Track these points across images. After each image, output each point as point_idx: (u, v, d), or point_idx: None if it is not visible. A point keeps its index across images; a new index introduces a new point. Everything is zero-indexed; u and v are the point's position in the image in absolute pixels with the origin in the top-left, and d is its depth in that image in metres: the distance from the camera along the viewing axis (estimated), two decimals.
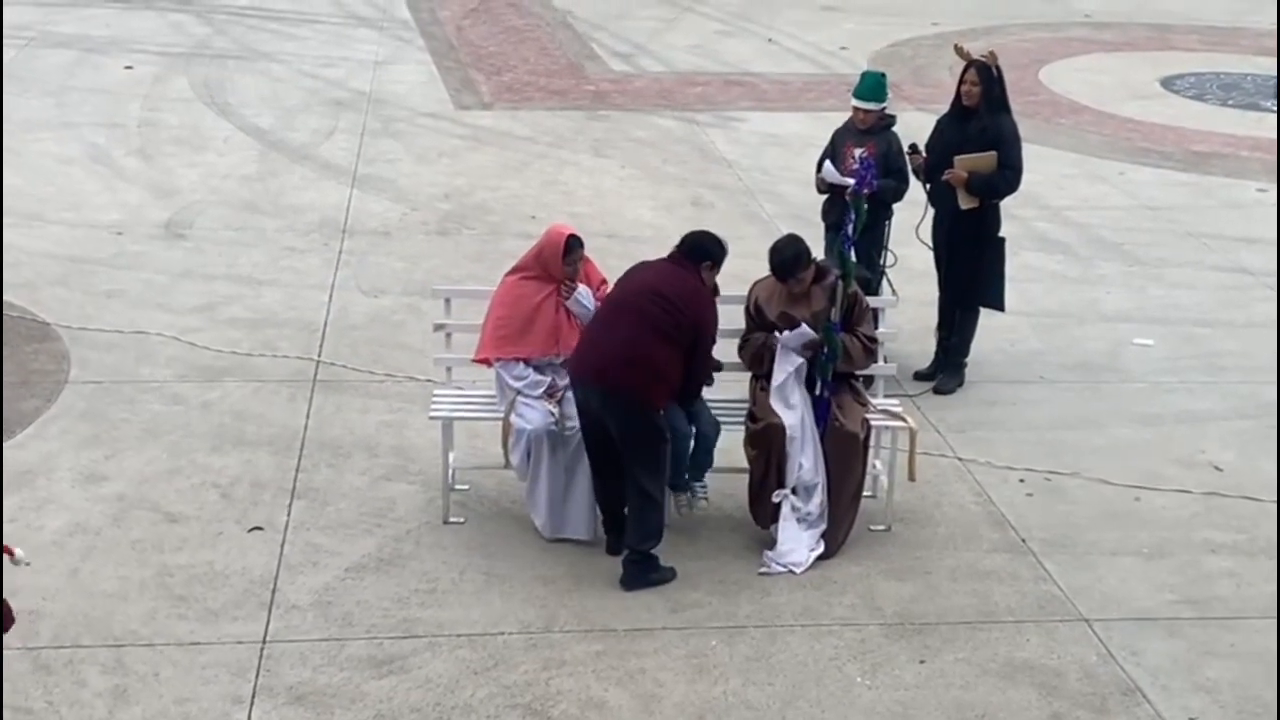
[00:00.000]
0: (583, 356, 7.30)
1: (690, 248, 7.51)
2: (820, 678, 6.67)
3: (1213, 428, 9.17)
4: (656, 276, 7.38)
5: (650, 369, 7.16)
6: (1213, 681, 6.75)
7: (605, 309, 7.41)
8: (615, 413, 7.18)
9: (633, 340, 7.14)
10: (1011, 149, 9.16)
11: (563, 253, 7.58)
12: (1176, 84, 17.73)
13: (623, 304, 7.30)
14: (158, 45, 17.76)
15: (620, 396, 7.15)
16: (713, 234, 7.64)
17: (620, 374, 7.12)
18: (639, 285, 7.34)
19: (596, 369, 7.19)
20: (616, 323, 7.24)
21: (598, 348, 7.24)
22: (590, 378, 7.22)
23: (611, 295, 7.47)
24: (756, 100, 16.36)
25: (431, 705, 6.39)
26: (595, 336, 7.32)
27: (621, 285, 7.44)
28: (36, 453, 8.31)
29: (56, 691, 6.38)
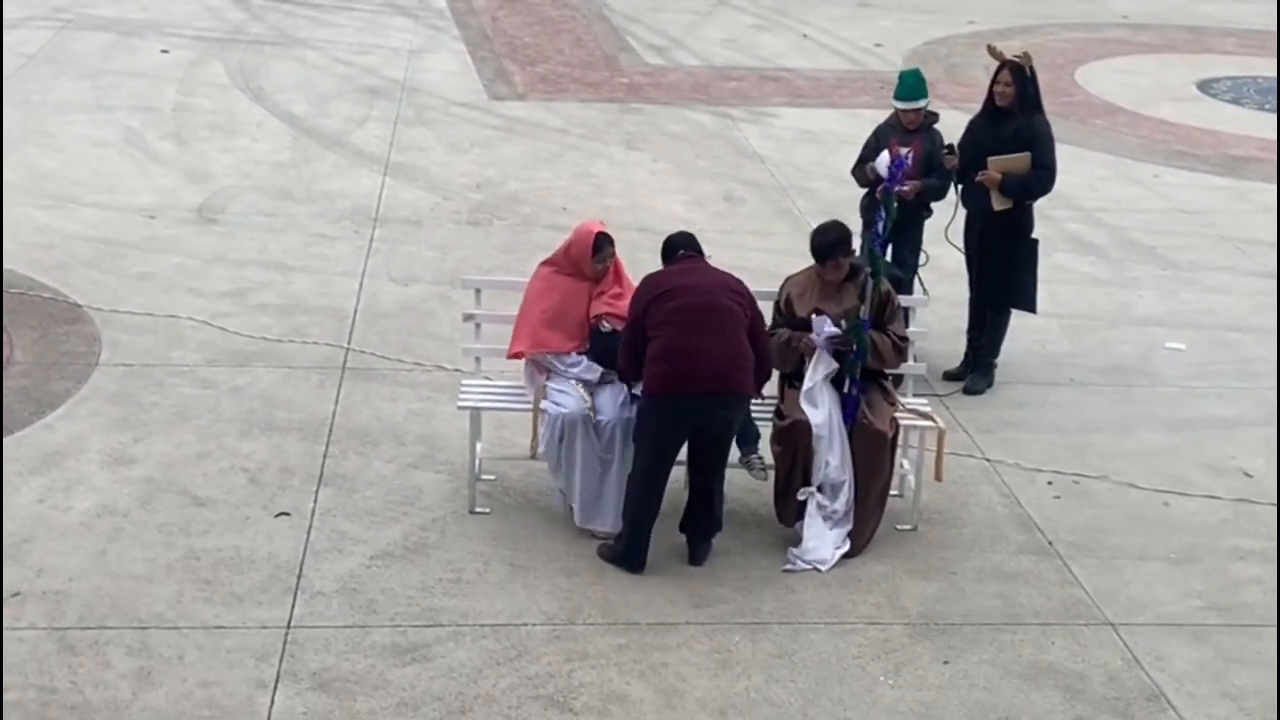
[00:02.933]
0: (691, 369, 7.02)
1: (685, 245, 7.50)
2: (843, 676, 6.65)
3: (1243, 434, 9.11)
4: (717, 275, 7.36)
5: (750, 363, 7.21)
6: (1238, 689, 6.71)
7: (686, 315, 7.08)
8: (732, 415, 7.24)
9: (734, 340, 7.13)
10: (1046, 150, 9.11)
11: (591, 251, 7.58)
12: (1213, 87, 17.62)
13: (711, 307, 7.13)
14: (194, 30, 17.81)
15: (739, 398, 7.22)
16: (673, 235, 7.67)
17: (738, 377, 7.14)
18: (713, 285, 7.23)
19: (714, 377, 7.05)
20: (709, 327, 7.08)
21: (704, 356, 7.03)
22: (709, 388, 7.06)
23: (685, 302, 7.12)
24: (790, 96, 16.32)
25: (454, 694, 6.40)
26: (692, 346, 7.04)
27: (686, 289, 7.16)
28: (66, 434, 8.35)
29: (81, 672, 6.41)
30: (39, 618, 6.75)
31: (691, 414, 7.15)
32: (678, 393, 7.09)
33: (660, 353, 7.10)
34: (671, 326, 7.09)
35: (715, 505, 7.44)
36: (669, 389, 7.10)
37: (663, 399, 7.13)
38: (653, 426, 7.20)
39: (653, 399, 7.17)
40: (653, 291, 7.21)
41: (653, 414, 7.19)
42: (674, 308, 7.12)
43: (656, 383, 7.13)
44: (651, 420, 7.21)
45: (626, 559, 7.32)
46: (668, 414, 7.16)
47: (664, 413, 7.16)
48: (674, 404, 7.13)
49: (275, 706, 6.28)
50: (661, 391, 7.12)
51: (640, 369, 7.23)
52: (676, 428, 7.20)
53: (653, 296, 7.18)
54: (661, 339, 7.09)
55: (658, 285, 7.26)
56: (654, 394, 7.15)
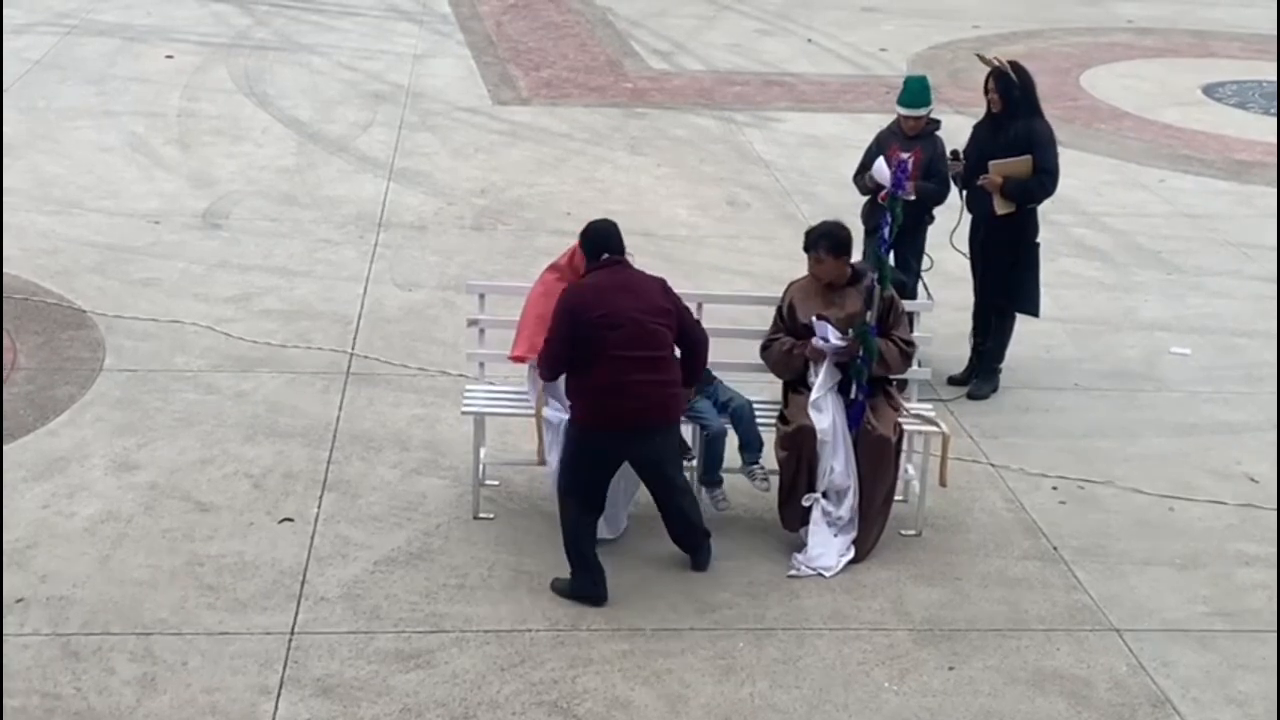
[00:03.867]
0: (626, 405, 6.88)
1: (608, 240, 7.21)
2: (848, 682, 6.64)
3: (1249, 439, 9.09)
4: (648, 291, 7.08)
5: (680, 388, 7.15)
6: (1244, 695, 6.70)
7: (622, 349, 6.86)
8: (665, 443, 7.17)
9: (666, 371, 7.03)
10: (1046, 153, 9.11)
11: None
12: (1218, 91, 17.60)
13: (647, 339, 6.93)
14: (199, 35, 17.83)
15: (671, 427, 7.17)
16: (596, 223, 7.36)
17: (671, 407, 7.08)
18: (647, 308, 6.97)
19: (647, 412, 6.96)
20: (645, 363, 6.91)
21: (640, 393, 6.90)
22: (642, 423, 6.98)
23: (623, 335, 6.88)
24: (795, 100, 16.31)
25: (458, 700, 6.39)
26: (627, 383, 6.87)
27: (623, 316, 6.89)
28: (70, 440, 8.35)
29: (85, 678, 6.40)
30: (43, 624, 6.75)
31: (623, 446, 7.06)
32: (609, 429, 6.98)
33: (594, 387, 6.93)
34: (608, 362, 6.87)
35: (693, 517, 7.35)
36: (601, 424, 6.97)
37: (593, 432, 7.00)
38: (583, 458, 7.06)
39: (584, 431, 7.01)
40: (587, 311, 6.93)
41: (584, 446, 7.04)
42: (611, 340, 6.87)
43: (588, 415, 6.97)
44: (582, 452, 7.06)
45: (585, 592, 7.11)
46: (600, 447, 7.03)
47: (595, 445, 7.03)
48: (605, 438, 7.02)
49: (279, 713, 6.27)
50: (592, 425, 6.98)
51: (560, 374, 7.13)
52: (608, 459, 7.10)
53: (588, 319, 6.91)
54: (597, 372, 6.90)
55: (593, 305, 6.94)
56: (585, 426, 7.00)
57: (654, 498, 7.36)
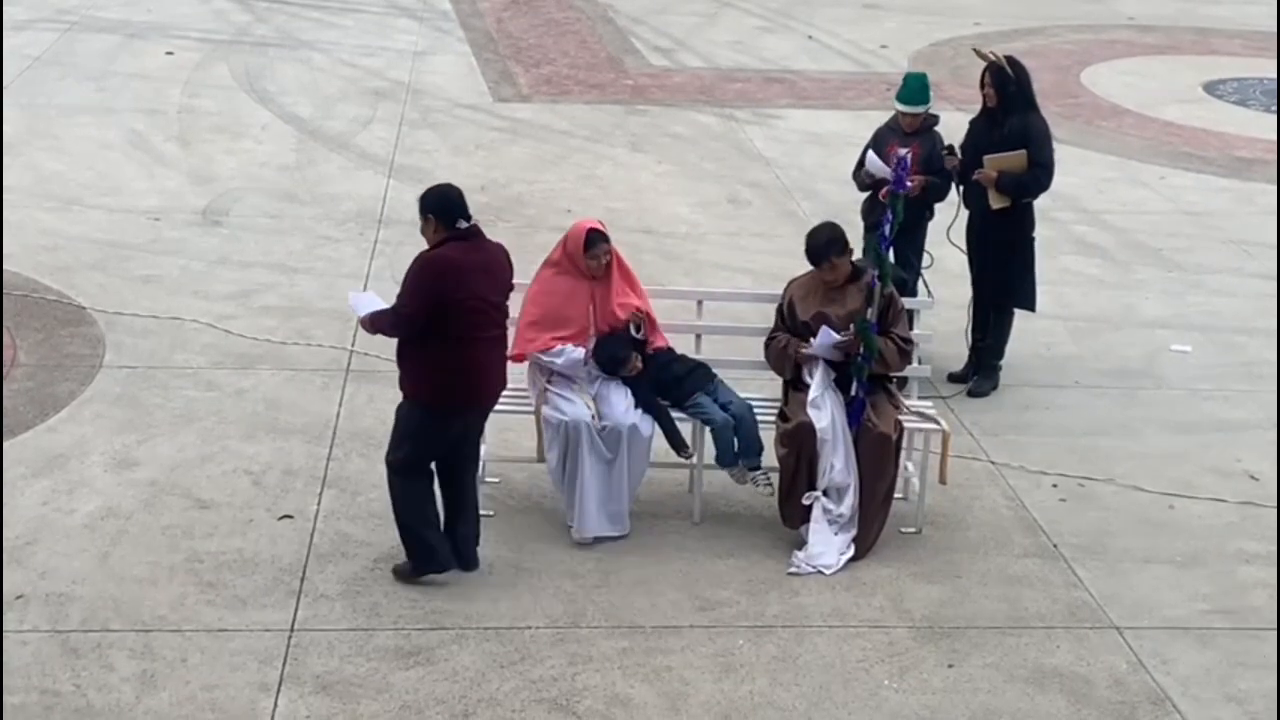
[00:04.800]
0: (477, 385, 6.95)
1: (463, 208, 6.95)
2: (847, 680, 6.64)
3: (1249, 437, 9.09)
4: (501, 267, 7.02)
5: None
6: (1244, 693, 6.69)
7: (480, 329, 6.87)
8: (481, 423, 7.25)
9: (504, 348, 7.14)
10: (1041, 147, 9.10)
11: (583, 246, 7.57)
12: (1219, 89, 17.59)
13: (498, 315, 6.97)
14: (199, 31, 17.82)
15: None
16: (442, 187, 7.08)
17: (504, 385, 7.19)
18: (501, 286, 7.01)
19: (492, 392, 7.08)
20: (496, 340, 6.99)
21: (490, 372, 7.00)
22: (486, 402, 7.10)
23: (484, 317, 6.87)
24: (796, 98, 16.31)
25: (457, 697, 6.39)
26: (481, 363, 6.92)
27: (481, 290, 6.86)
28: (70, 436, 8.35)
29: (84, 675, 6.40)
30: (42, 620, 6.75)
31: (465, 423, 7.08)
32: (461, 407, 6.98)
33: (451, 365, 6.85)
34: (467, 344, 6.84)
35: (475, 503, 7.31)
36: (454, 403, 6.95)
37: (445, 411, 6.96)
38: (429, 436, 7.00)
39: (433, 410, 6.94)
40: (452, 293, 6.78)
41: (430, 424, 6.96)
42: (470, 323, 6.82)
43: (441, 396, 6.91)
44: (427, 429, 6.97)
45: (426, 561, 7.09)
46: (446, 425, 6.99)
47: (442, 423, 6.98)
48: (455, 417, 7.00)
49: (279, 710, 6.27)
50: (445, 403, 6.94)
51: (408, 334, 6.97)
52: (451, 437, 7.06)
53: (452, 299, 6.78)
54: (454, 353, 6.83)
55: (456, 287, 6.79)
56: (435, 406, 6.93)
57: (450, 476, 7.21)
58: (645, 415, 7.60)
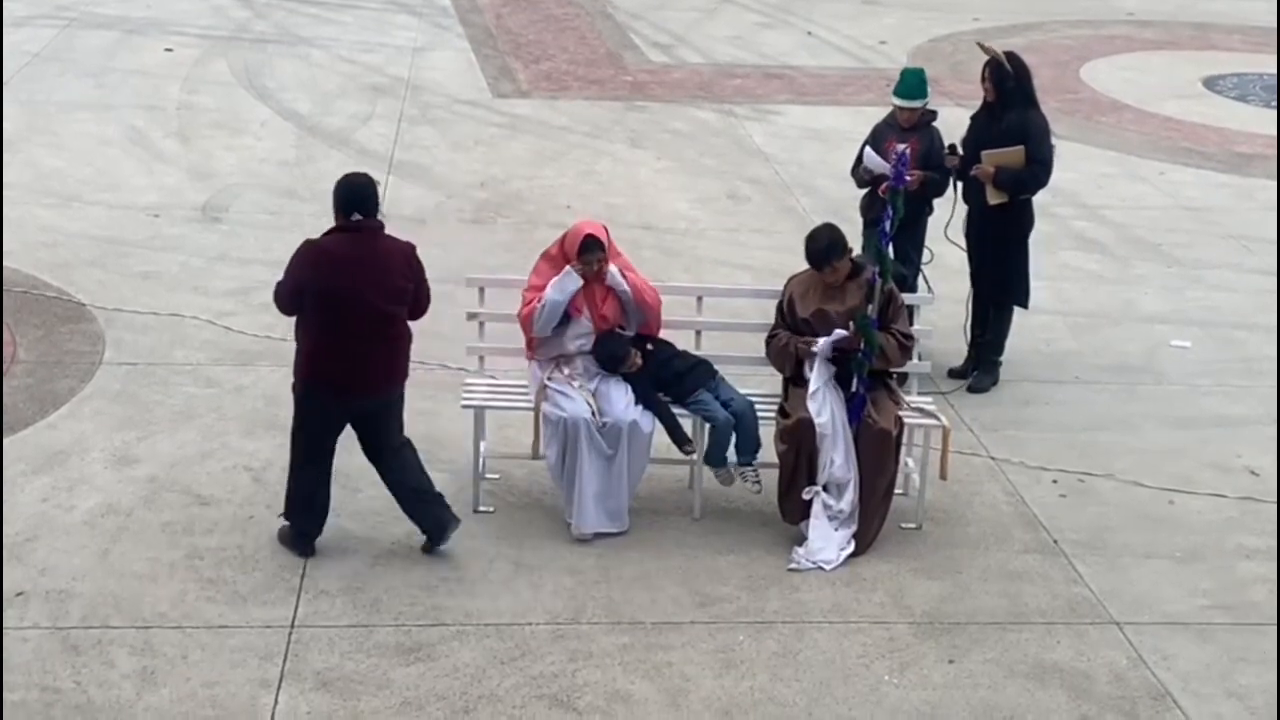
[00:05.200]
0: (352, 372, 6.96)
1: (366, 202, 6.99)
2: (848, 675, 6.64)
3: (1249, 432, 9.09)
4: (389, 271, 6.99)
5: (404, 357, 7.21)
6: (1244, 688, 6.69)
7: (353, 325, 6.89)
8: (391, 405, 7.24)
9: (397, 345, 7.12)
10: (1039, 144, 9.10)
11: (578, 250, 7.55)
12: (1219, 84, 17.59)
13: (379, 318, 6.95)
14: (198, 28, 17.81)
15: (397, 393, 7.25)
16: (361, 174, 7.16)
17: (397, 379, 7.19)
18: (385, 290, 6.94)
19: (375, 383, 7.08)
20: (375, 336, 6.97)
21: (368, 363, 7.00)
22: (369, 391, 7.09)
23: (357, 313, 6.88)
24: (795, 93, 16.30)
25: (458, 694, 6.39)
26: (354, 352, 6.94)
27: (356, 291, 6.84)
28: (70, 433, 8.34)
29: (85, 672, 6.40)
30: (42, 617, 6.75)
31: (349, 408, 7.14)
32: (338, 388, 7.04)
33: (320, 350, 6.98)
34: (330, 330, 6.93)
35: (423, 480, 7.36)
36: (320, 382, 7.05)
37: (322, 390, 7.06)
38: (305, 413, 7.15)
39: (311, 386, 7.07)
40: (320, 281, 6.88)
41: (312, 402, 7.10)
42: (344, 312, 6.87)
43: (316, 374, 7.04)
44: (304, 406, 7.13)
45: (293, 539, 7.32)
46: (327, 405, 7.10)
47: (323, 403, 7.09)
48: (332, 398, 7.08)
49: (279, 706, 6.27)
50: (313, 384, 7.07)
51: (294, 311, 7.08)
52: (335, 418, 7.17)
53: (318, 288, 6.88)
54: (325, 336, 6.95)
55: (327, 276, 6.88)
56: (312, 382, 7.06)
57: (383, 473, 7.33)
58: (645, 412, 7.60)
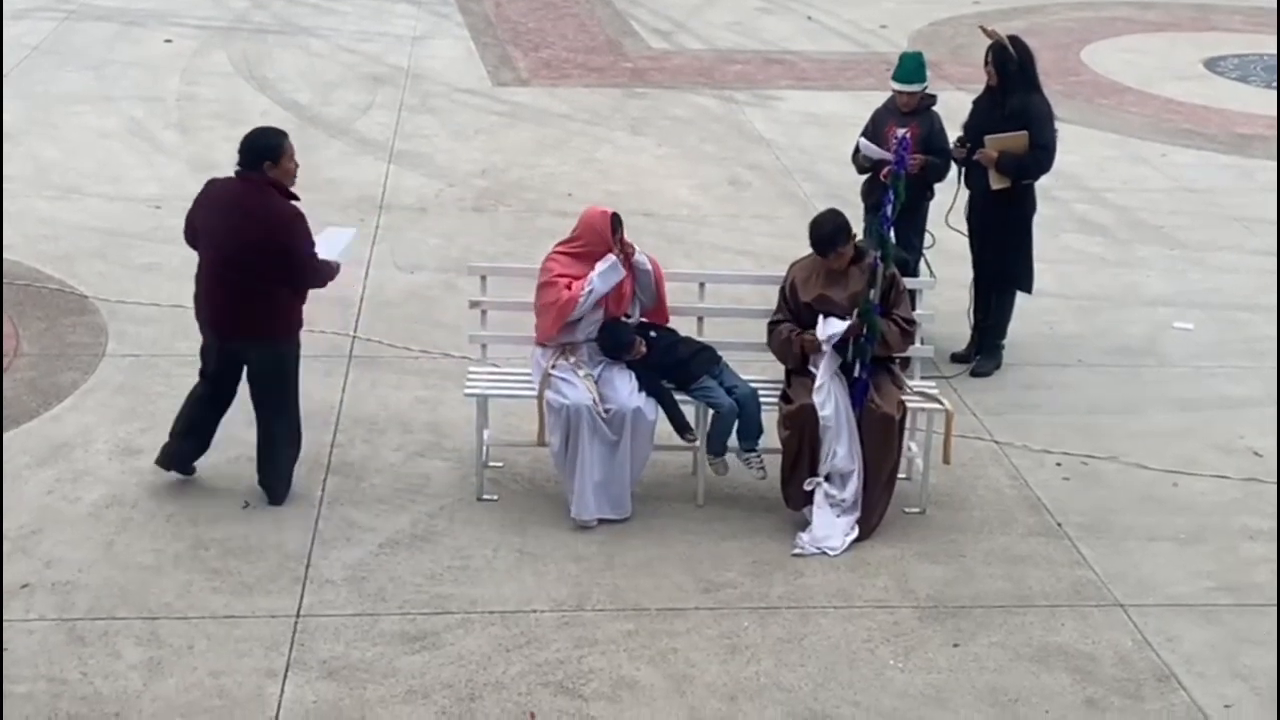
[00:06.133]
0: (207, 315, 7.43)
1: (247, 154, 7.34)
2: (853, 660, 6.65)
3: (1252, 413, 9.09)
4: (246, 227, 7.19)
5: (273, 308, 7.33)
6: (1249, 669, 6.70)
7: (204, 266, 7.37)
8: (262, 356, 7.44)
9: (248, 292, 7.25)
10: (1042, 128, 9.07)
11: (610, 228, 7.58)
12: (1220, 65, 17.55)
13: (225, 263, 7.25)
14: (197, 19, 17.79)
15: (262, 341, 7.41)
16: (265, 129, 7.56)
17: (250, 325, 7.33)
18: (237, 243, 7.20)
19: (227, 325, 7.37)
20: (223, 279, 7.27)
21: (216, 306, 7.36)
22: (227, 333, 7.41)
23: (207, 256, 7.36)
24: (795, 79, 16.28)
25: (464, 681, 6.40)
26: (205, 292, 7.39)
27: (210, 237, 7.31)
28: (74, 425, 8.35)
29: (91, 663, 6.42)
30: (48, 609, 6.76)
31: (224, 351, 7.44)
32: (198, 319, 7.50)
33: (196, 279, 7.47)
34: (199, 266, 7.42)
35: (272, 450, 7.56)
36: (195, 310, 7.53)
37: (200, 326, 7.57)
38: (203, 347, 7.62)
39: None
40: (192, 214, 7.50)
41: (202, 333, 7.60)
42: (200, 249, 7.41)
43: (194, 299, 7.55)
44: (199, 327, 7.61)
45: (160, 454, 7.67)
46: (206, 342, 7.55)
47: (203, 339, 7.57)
48: (206, 337, 7.52)
49: (285, 695, 6.28)
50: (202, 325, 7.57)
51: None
52: (208, 347, 7.54)
53: (190, 220, 7.52)
54: (198, 269, 7.44)
55: (197, 210, 7.46)
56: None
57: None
58: (649, 399, 7.61)
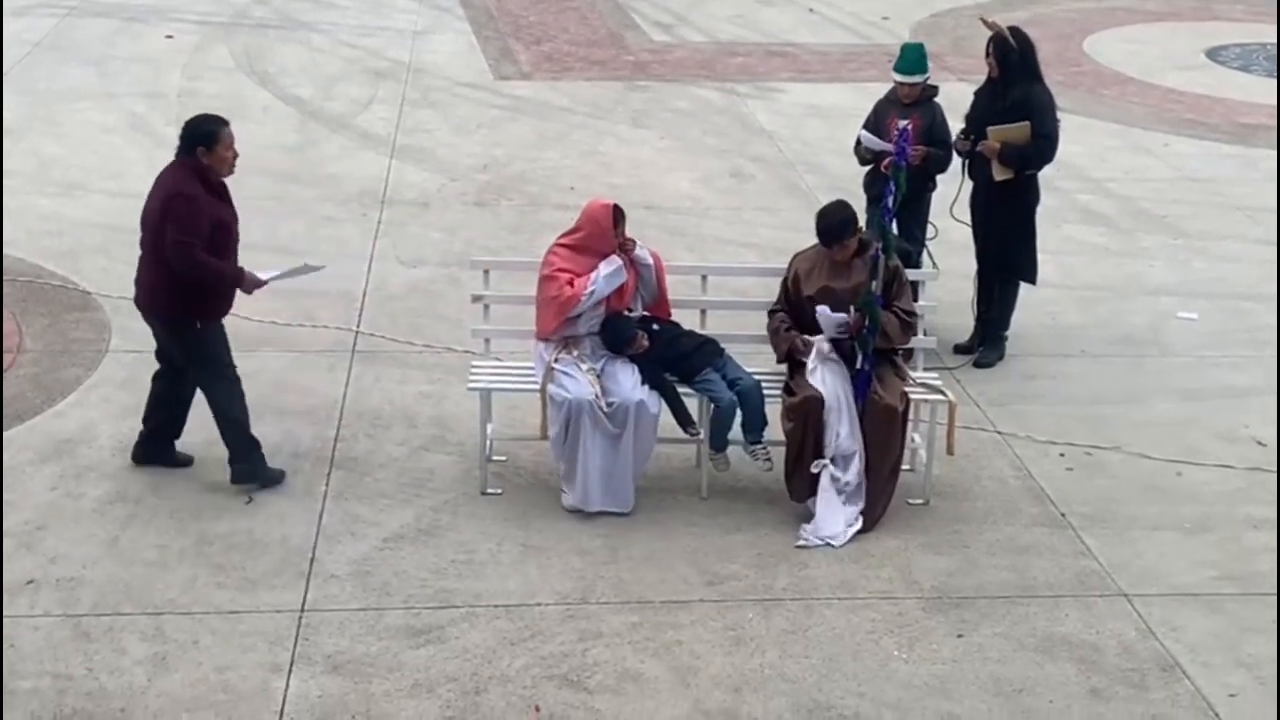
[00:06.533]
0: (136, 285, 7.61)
1: (183, 139, 7.46)
2: (857, 651, 6.65)
3: (1256, 402, 9.08)
4: (156, 196, 7.43)
5: (162, 288, 7.40)
6: (1253, 658, 6.70)
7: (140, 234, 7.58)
8: (162, 334, 7.63)
9: (148, 267, 7.45)
10: (1044, 118, 9.06)
11: (613, 222, 7.58)
12: (1222, 55, 17.53)
13: (143, 229, 7.48)
14: (198, 14, 17.78)
15: (159, 320, 7.56)
16: (206, 115, 7.60)
17: (147, 300, 7.49)
18: (150, 211, 7.43)
19: (138, 297, 7.57)
20: (143, 249, 7.50)
21: (137, 276, 7.57)
22: (136, 304, 7.62)
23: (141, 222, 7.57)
24: (797, 71, 16.27)
25: (469, 675, 6.41)
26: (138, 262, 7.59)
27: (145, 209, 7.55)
28: (77, 421, 8.36)
29: (97, 658, 6.42)
30: (53, 605, 6.77)
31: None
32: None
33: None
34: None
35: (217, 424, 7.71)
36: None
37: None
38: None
39: None
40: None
41: None
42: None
43: None
44: None
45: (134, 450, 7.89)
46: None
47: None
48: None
49: (290, 690, 6.29)
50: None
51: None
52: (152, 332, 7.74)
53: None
54: None
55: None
56: None
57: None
58: (652, 392, 7.61)
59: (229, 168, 7.48)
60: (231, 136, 7.48)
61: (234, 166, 7.52)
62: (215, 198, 7.44)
